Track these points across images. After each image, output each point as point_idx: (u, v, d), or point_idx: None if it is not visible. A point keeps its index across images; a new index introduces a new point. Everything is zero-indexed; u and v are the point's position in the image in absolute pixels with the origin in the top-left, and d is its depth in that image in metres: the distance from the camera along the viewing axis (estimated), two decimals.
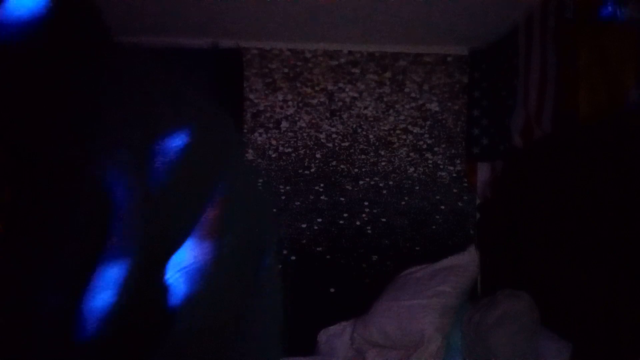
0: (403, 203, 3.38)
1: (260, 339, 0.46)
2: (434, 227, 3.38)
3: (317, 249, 3.33)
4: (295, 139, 3.34)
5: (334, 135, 3.37)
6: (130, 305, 0.36)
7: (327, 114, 3.36)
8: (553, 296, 2.49)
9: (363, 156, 3.38)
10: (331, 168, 3.36)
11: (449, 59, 3.40)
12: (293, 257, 3.30)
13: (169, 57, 3.08)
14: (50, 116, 0.38)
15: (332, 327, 2.93)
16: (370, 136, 3.38)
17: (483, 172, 3.32)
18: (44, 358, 0.36)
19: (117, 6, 2.63)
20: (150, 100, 0.42)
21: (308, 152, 3.35)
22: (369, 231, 3.36)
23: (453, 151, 3.40)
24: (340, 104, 3.37)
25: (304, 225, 3.32)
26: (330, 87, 3.36)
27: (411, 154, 3.39)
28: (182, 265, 0.38)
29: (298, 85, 3.35)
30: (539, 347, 2.33)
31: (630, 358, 1.97)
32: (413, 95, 3.40)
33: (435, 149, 3.40)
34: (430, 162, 3.40)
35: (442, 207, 3.39)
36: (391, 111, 3.39)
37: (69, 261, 0.36)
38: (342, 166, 3.37)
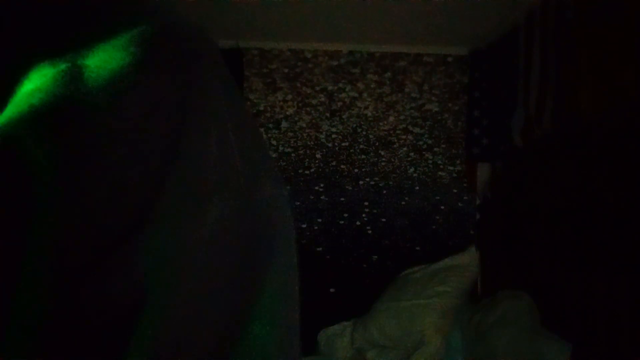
0: (403, 203, 3.37)
1: None
2: (434, 227, 3.37)
3: (317, 249, 3.32)
4: (295, 139, 3.34)
5: (334, 135, 3.37)
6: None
7: (327, 114, 3.36)
8: (553, 296, 2.49)
9: (363, 156, 3.38)
10: (331, 168, 3.36)
11: (449, 59, 3.40)
12: None
13: None
14: None
15: (332, 327, 2.93)
16: (370, 136, 3.38)
17: (483, 172, 3.32)
18: None
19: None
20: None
21: (308, 152, 3.35)
22: (369, 231, 3.35)
23: (453, 151, 3.40)
24: (340, 104, 3.37)
25: (304, 225, 3.32)
26: (330, 87, 3.36)
27: (411, 154, 3.39)
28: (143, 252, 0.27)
29: (298, 85, 3.34)
30: (539, 347, 2.33)
31: (630, 358, 1.97)
32: (413, 95, 3.40)
33: (435, 149, 3.40)
34: (430, 162, 3.40)
35: (442, 207, 3.39)
36: (391, 111, 3.39)
37: None
38: (342, 166, 3.36)
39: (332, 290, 3.29)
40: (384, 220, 3.36)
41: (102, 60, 0.28)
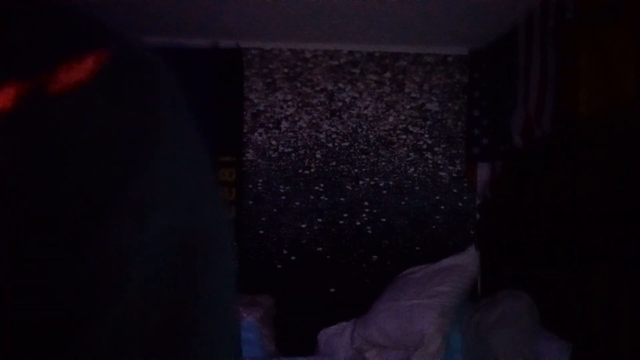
0: (403, 203, 3.38)
1: (211, 344, 0.37)
2: (434, 227, 3.38)
3: (317, 249, 3.32)
4: (295, 139, 3.34)
5: (334, 135, 3.37)
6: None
7: (327, 114, 3.36)
8: (553, 296, 2.49)
9: (363, 156, 3.38)
10: (331, 168, 3.36)
11: (449, 59, 3.40)
12: (293, 257, 3.30)
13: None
14: None
15: (332, 327, 2.93)
16: (370, 136, 3.38)
17: (483, 172, 3.32)
18: None
19: (118, 6, 2.63)
20: None
21: (308, 152, 3.35)
22: (369, 231, 3.35)
23: (453, 151, 3.40)
24: (340, 104, 3.37)
25: (304, 225, 3.32)
26: (330, 87, 3.36)
27: (411, 154, 3.39)
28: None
29: (298, 85, 3.35)
30: (539, 347, 2.33)
31: (630, 358, 1.97)
32: (413, 95, 3.40)
33: (435, 149, 3.40)
34: (430, 162, 3.40)
35: (442, 207, 3.39)
36: (391, 111, 3.39)
37: None
38: (342, 166, 3.37)
39: (332, 290, 3.29)
40: (384, 220, 3.37)
41: (64, 83, 0.30)
